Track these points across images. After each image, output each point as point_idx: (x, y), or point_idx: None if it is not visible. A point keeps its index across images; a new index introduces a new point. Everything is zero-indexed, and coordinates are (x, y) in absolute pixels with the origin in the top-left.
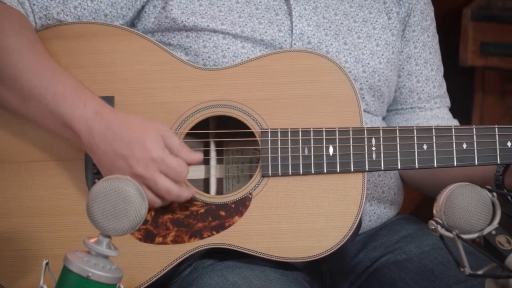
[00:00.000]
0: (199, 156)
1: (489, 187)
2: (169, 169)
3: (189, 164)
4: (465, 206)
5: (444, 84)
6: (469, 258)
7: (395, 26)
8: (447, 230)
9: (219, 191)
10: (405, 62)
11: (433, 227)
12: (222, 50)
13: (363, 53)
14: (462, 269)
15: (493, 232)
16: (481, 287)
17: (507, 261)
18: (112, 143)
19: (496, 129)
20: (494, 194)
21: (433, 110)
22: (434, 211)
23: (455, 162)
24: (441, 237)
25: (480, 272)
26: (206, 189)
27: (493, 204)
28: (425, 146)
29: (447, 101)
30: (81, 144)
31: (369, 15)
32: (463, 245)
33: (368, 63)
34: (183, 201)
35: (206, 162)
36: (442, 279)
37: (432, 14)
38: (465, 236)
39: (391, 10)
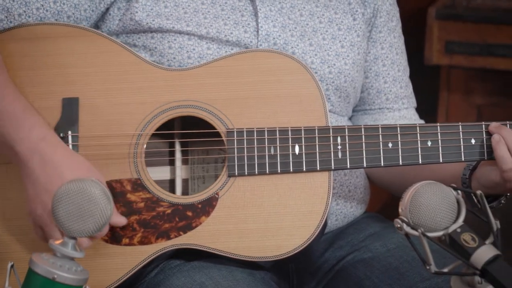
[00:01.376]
0: (122, 220)
1: (454, 185)
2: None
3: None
4: (430, 204)
5: (410, 84)
6: (434, 256)
7: (360, 27)
8: (412, 228)
9: (185, 192)
10: (372, 63)
11: (399, 226)
12: (188, 51)
13: (328, 54)
14: (427, 267)
15: (458, 230)
16: (446, 285)
17: (472, 258)
18: (47, 176)
19: (460, 126)
20: (459, 192)
21: (401, 110)
22: (400, 210)
23: (420, 160)
24: (407, 235)
25: (445, 270)
26: (172, 190)
27: (458, 202)
28: (390, 144)
29: (414, 102)
30: (19, 165)
31: (334, 15)
32: (429, 243)
33: (334, 64)
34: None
35: (171, 163)
36: (407, 277)
37: (398, 15)
38: (430, 234)
39: (356, 11)
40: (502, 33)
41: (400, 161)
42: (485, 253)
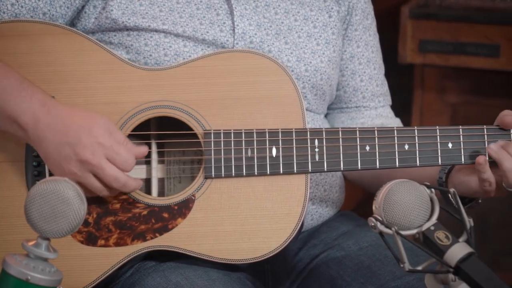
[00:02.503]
0: (144, 149)
1: (427, 183)
2: (116, 156)
3: (136, 157)
4: (404, 202)
5: (386, 82)
6: (408, 254)
7: (336, 25)
8: (386, 226)
9: (161, 192)
10: (349, 61)
11: (373, 224)
12: (164, 49)
13: (304, 52)
14: (401, 265)
15: (432, 228)
16: (417, 283)
17: (446, 256)
18: (59, 132)
19: (438, 130)
20: (432, 190)
21: (378, 109)
22: (374, 208)
23: (397, 163)
24: (381, 233)
25: (419, 268)
26: (148, 190)
27: (432, 200)
28: (367, 147)
29: (389, 99)
30: (27, 137)
31: (310, 12)
32: (403, 241)
33: (310, 62)
34: (131, 191)
35: (148, 163)
36: (379, 275)
37: (372, 12)
38: (404, 232)
39: (332, 8)
40: (475, 31)
41: (377, 165)
42: (458, 251)
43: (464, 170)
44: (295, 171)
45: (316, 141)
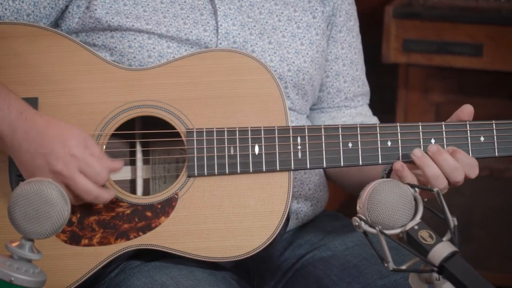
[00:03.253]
0: (119, 164)
1: (411, 182)
2: (89, 168)
3: (109, 170)
4: (388, 202)
5: (367, 82)
6: (392, 253)
7: (320, 25)
8: (370, 226)
9: (146, 192)
10: (333, 62)
11: (357, 224)
12: (148, 50)
13: (288, 51)
14: (386, 264)
15: (416, 227)
16: (404, 282)
17: (430, 255)
18: (34, 142)
19: (420, 126)
20: (416, 189)
21: (357, 108)
22: (358, 208)
23: (380, 160)
24: (365, 233)
25: (403, 267)
26: (133, 190)
27: (415, 199)
28: (350, 144)
29: (368, 98)
30: (3, 145)
31: (294, 13)
32: (387, 241)
33: (293, 62)
34: (103, 203)
35: (132, 163)
36: (366, 274)
37: (356, 14)
38: (388, 232)
39: (316, 9)
40: (459, 31)
41: (360, 161)
42: (442, 249)
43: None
44: (278, 169)
45: (299, 138)
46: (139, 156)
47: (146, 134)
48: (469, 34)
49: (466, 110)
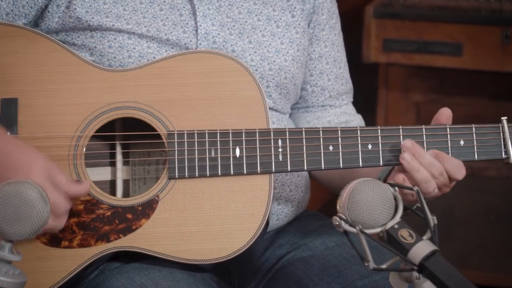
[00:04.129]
0: (85, 188)
1: (391, 182)
2: (50, 199)
3: (77, 197)
4: (368, 201)
5: (350, 80)
6: (373, 252)
7: (300, 24)
8: (350, 225)
9: (126, 193)
10: (317, 61)
11: (337, 223)
12: (128, 50)
13: (268, 51)
14: (366, 264)
15: (396, 226)
16: (385, 282)
17: (410, 254)
18: (0, 164)
19: (401, 130)
20: (396, 188)
21: (342, 107)
22: (338, 207)
23: (360, 163)
24: (345, 232)
25: (383, 266)
26: (113, 191)
27: (395, 199)
28: (331, 147)
29: (351, 96)
30: None
31: (273, 12)
32: (367, 240)
33: (274, 61)
34: (56, 231)
35: (113, 164)
36: (346, 274)
37: (337, 11)
38: (368, 231)
39: (295, 7)
40: (438, 30)
41: (341, 164)
42: (422, 248)
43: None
44: (259, 171)
45: (280, 141)
46: (119, 157)
47: (126, 136)
48: (449, 34)
49: (445, 113)
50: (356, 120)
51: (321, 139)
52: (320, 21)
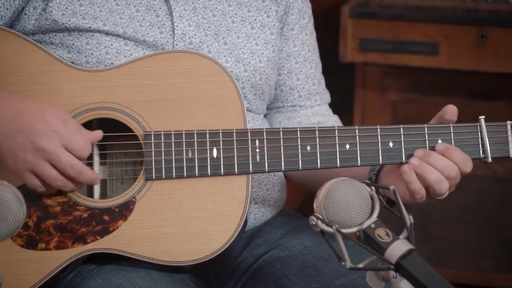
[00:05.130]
0: (99, 133)
1: (367, 181)
2: (72, 143)
3: (91, 143)
4: (344, 201)
5: (323, 80)
6: (350, 252)
7: (274, 25)
8: (327, 225)
9: (103, 193)
10: (285, 60)
11: (314, 223)
12: (105, 47)
13: (243, 52)
14: (343, 263)
15: (373, 226)
16: (363, 281)
17: (387, 253)
18: (12, 122)
19: (379, 129)
20: (373, 188)
21: (314, 107)
22: (315, 207)
23: (338, 163)
24: (322, 232)
25: (360, 265)
26: (90, 192)
27: (372, 198)
28: (308, 147)
29: (327, 97)
30: None
31: (248, 13)
32: (344, 239)
33: (249, 62)
34: (87, 180)
35: (89, 165)
36: (324, 274)
37: (310, 11)
38: (345, 230)
39: (270, 8)
40: (414, 30)
41: (318, 165)
42: (399, 247)
43: (392, 175)
44: (236, 172)
45: (257, 141)
46: (96, 159)
47: (103, 137)
48: (425, 33)
49: (450, 110)
50: (331, 122)
51: (299, 139)
52: (290, 21)
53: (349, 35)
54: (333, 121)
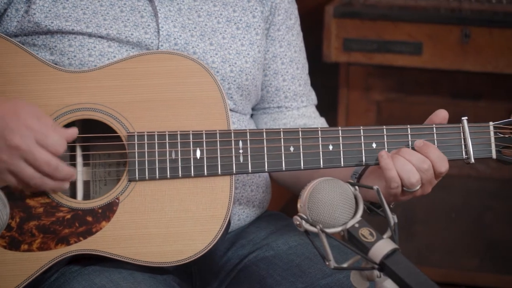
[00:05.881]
0: (74, 130)
1: (351, 181)
2: (47, 139)
3: (66, 140)
4: (328, 200)
5: (309, 81)
6: (335, 251)
7: (260, 25)
8: (311, 225)
9: (86, 194)
10: (271, 61)
11: (298, 223)
12: (88, 49)
13: (229, 53)
14: (327, 263)
15: (356, 225)
16: (347, 281)
17: (371, 253)
18: None
19: (362, 130)
20: (357, 187)
21: (300, 109)
22: (299, 206)
23: (321, 164)
24: (306, 232)
25: (345, 265)
26: (73, 193)
27: (356, 198)
28: (292, 148)
29: (313, 99)
30: None
31: (233, 13)
32: (328, 239)
33: (235, 63)
34: (64, 176)
35: (72, 166)
36: (309, 274)
37: (296, 12)
38: (329, 230)
39: (256, 9)
40: (398, 30)
41: (302, 165)
42: (383, 247)
43: (373, 174)
44: (220, 173)
45: (240, 142)
46: (79, 160)
47: (87, 138)
48: (408, 33)
49: (441, 115)
50: (317, 124)
51: (282, 140)
52: (276, 22)
53: (333, 35)
54: (320, 123)
